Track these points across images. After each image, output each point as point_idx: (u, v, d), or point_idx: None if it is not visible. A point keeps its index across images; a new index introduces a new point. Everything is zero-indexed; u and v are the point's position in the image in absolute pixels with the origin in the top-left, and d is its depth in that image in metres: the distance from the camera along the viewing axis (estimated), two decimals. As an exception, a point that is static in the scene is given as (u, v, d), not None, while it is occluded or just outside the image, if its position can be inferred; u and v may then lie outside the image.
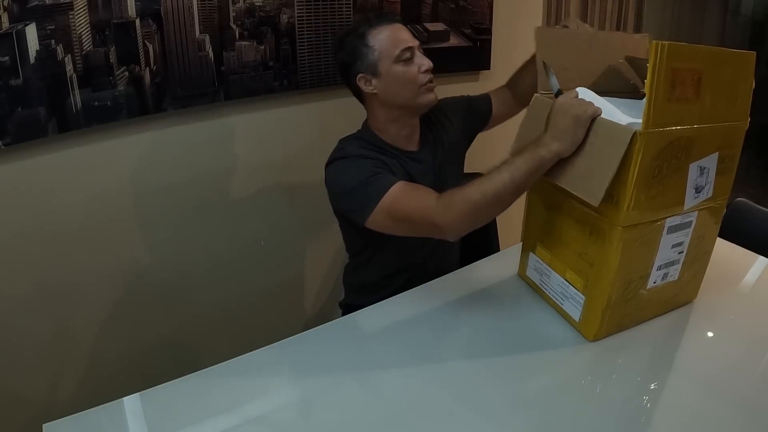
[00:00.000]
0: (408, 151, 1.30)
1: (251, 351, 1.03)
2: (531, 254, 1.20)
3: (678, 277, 1.08)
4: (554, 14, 2.20)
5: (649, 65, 0.86)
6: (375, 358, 1.04)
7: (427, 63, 1.23)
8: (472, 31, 1.97)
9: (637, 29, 2.23)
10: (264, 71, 1.60)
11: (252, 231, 1.75)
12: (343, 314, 1.36)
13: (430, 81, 1.24)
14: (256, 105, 1.64)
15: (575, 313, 1.07)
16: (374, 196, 1.11)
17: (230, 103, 1.59)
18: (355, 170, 1.17)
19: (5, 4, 1.20)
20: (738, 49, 0.98)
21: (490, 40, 2.03)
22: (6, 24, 1.21)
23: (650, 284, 1.05)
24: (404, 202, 1.10)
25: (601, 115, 0.97)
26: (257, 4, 1.54)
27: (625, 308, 1.04)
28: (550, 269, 1.14)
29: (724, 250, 1.35)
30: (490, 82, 2.08)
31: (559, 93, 1.07)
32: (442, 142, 1.36)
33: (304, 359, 1.03)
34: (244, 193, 1.70)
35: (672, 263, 1.06)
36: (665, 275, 1.06)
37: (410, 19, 1.82)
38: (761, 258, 1.30)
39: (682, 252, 1.06)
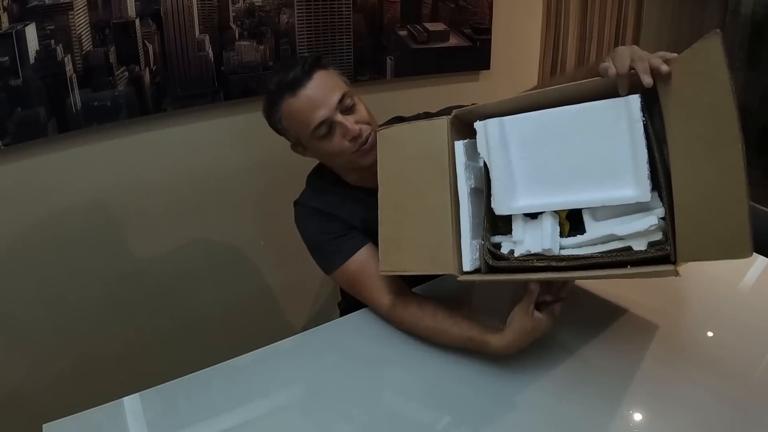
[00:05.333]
0: (375, 188, 1.08)
1: (251, 351, 1.03)
2: None
3: None
4: (554, 14, 2.20)
5: None
6: (374, 357, 1.04)
7: (351, 129, 1.03)
8: (471, 30, 1.97)
9: (637, 29, 2.23)
10: (264, 71, 1.60)
11: (252, 231, 1.75)
12: (342, 314, 1.36)
13: (364, 143, 1.06)
14: (256, 105, 1.63)
15: None
16: (332, 264, 1.11)
17: (230, 103, 1.59)
18: (311, 231, 1.15)
19: (5, 4, 1.20)
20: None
21: (489, 40, 2.03)
22: (6, 24, 1.21)
23: None
24: (357, 284, 1.10)
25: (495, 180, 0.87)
26: (257, 4, 1.54)
27: None
28: None
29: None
30: (490, 82, 2.08)
31: None
32: None
33: (304, 359, 1.03)
34: (244, 193, 1.70)
35: None
36: None
37: (410, 19, 1.82)
38: (761, 258, 1.29)
39: None
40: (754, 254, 1.31)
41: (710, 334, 1.08)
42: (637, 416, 0.89)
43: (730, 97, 0.70)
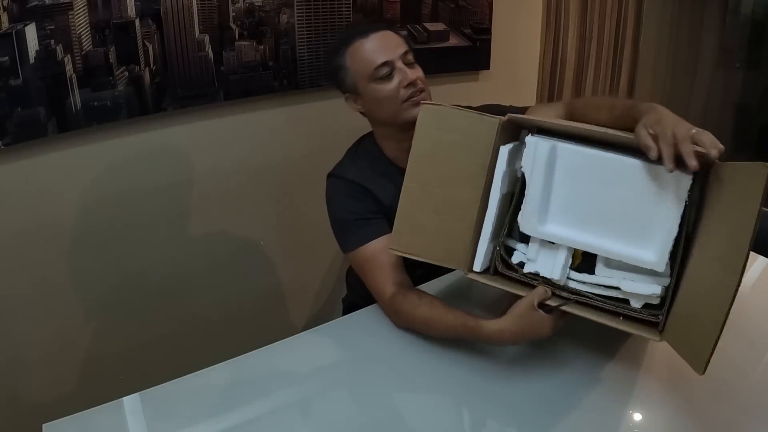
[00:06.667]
0: None
1: (251, 351, 1.03)
2: None
3: None
4: (554, 14, 2.20)
5: None
6: (375, 357, 1.04)
7: (410, 75, 1.10)
8: (471, 31, 1.97)
9: (637, 29, 2.23)
10: (263, 71, 1.60)
11: (252, 231, 1.75)
12: (345, 311, 1.35)
13: (413, 95, 1.11)
14: (255, 105, 1.64)
15: None
16: (350, 245, 1.14)
17: (230, 103, 1.59)
18: (338, 207, 1.16)
19: (5, 4, 1.20)
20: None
21: (489, 40, 2.03)
22: (6, 24, 1.21)
23: None
24: (367, 270, 1.12)
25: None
26: (257, 4, 1.54)
27: None
28: None
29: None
30: (490, 82, 2.08)
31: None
32: None
33: (304, 359, 1.03)
34: (244, 192, 1.70)
35: None
36: None
37: (410, 19, 1.82)
38: (761, 258, 1.29)
39: None
40: (754, 254, 1.31)
41: (710, 333, 1.08)
42: (637, 416, 0.89)
43: (750, 231, 0.70)
